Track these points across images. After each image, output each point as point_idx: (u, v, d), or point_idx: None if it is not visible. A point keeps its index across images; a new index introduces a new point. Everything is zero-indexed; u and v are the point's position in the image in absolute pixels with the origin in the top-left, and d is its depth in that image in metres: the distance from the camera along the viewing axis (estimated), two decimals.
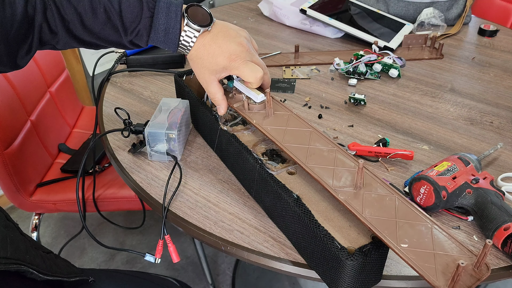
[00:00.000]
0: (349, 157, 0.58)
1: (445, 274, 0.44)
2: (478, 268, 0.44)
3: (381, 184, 0.54)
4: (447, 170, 0.64)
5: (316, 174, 0.56)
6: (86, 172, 1.19)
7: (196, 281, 1.51)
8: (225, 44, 0.63)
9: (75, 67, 1.86)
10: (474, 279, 0.43)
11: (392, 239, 0.47)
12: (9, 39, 0.55)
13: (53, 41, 0.61)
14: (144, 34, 0.61)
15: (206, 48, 0.63)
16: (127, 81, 1.01)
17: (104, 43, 0.63)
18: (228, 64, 0.63)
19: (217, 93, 0.66)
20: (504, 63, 1.10)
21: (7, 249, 0.57)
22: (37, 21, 0.57)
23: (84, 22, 0.59)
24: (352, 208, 0.51)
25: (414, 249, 0.46)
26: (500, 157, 0.77)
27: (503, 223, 0.56)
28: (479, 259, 0.43)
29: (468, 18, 1.31)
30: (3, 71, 0.60)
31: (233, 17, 1.38)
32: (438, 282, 0.43)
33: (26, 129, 1.13)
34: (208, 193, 0.69)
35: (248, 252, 0.59)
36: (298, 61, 1.09)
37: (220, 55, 0.62)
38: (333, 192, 0.53)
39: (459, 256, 0.45)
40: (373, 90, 0.97)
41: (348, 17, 1.23)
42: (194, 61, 0.65)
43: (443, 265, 0.45)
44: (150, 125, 0.72)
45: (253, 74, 0.63)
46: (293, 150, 0.60)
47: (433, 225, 0.49)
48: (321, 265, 0.53)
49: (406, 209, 0.51)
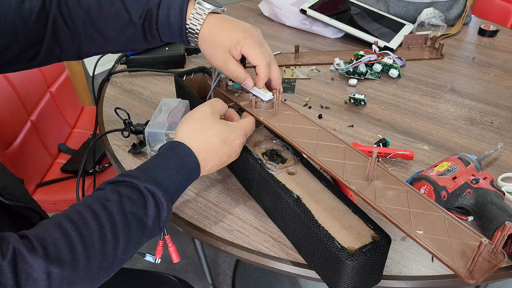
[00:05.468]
0: (358, 154, 0.58)
1: (463, 259, 0.44)
2: (495, 255, 0.44)
3: (392, 178, 0.54)
4: (447, 170, 0.64)
5: (326, 166, 0.56)
6: (86, 172, 1.19)
7: (196, 281, 1.51)
8: (239, 24, 0.63)
9: (75, 67, 1.86)
10: (492, 264, 0.43)
11: (407, 226, 0.47)
12: (28, 31, 0.59)
13: (75, 39, 0.64)
14: (154, 14, 0.62)
15: (219, 25, 0.63)
16: (127, 81, 1.01)
17: (120, 31, 0.64)
18: (242, 37, 0.61)
19: (238, 69, 0.64)
20: (504, 63, 1.10)
21: None
22: (51, 14, 0.61)
23: (102, 10, 0.62)
24: (365, 197, 0.51)
25: (430, 236, 0.46)
26: (500, 157, 0.77)
27: (503, 223, 0.56)
28: (497, 244, 0.44)
29: (468, 18, 1.31)
30: (22, 67, 0.64)
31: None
32: (457, 265, 0.43)
33: (26, 129, 1.13)
34: (208, 193, 0.69)
35: (248, 252, 0.59)
36: (298, 61, 1.09)
37: (234, 31, 0.62)
38: (345, 182, 0.53)
39: (475, 243, 0.45)
40: (373, 90, 0.97)
41: (348, 17, 1.23)
42: (207, 39, 0.63)
43: (460, 251, 0.45)
44: (150, 125, 0.72)
45: (262, 57, 0.62)
46: (302, 145, 0.60)
47: (446, 216, 0.49)
48: (321, 265, 0.53)
49: (419, 201, 0.51)
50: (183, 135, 0.57)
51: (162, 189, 0.50)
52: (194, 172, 0.55)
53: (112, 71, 1.03)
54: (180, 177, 0.53)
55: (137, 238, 0.47)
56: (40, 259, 0.40)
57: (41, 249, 0.41)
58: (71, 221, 0.44)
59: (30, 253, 0.40)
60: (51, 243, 0.42)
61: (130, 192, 0.48)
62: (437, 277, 0.56)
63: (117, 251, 0.45)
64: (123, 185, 0.49)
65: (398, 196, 0.51)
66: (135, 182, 0.49)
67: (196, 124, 0.58)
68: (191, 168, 0.55)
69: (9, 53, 0.61)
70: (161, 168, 0.52)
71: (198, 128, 0.57)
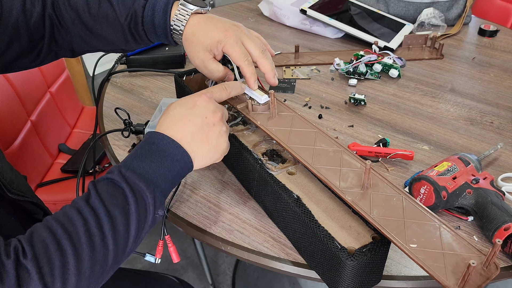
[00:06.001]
0: (355, 158, 0.58)
1: (455, 273, 0.44)
2: (487, 267, 0.44)
3: (388, 185, 0.54)
4: (447, 170, 0.63)
5: (322, 175, 0.56)
6: (86, 172, 1.18)
7: (197, 281, 1.51)
8: (221, 23, 0.63)
9: (75, 68, 1.86)
10: (484, 277, 0.43)
11: (401, 239, 0.47)
12: (30, 28, 0.62)
13: (67, 37, 0.65)
14: (139, 16, 0.63)
15: (201, 25, 0.63)
16: (127, 81, 1.01)
17: (109, 31, 0.65)
18: (223, 37, 0.61)
19: (217, 67, 0.64)
20: (504, 63, 1.10)
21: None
22: (47, 12, 0.63)
23: (90, 11, 0.64)
24: (360, 208, 0.51)
25: (423, 249, 0.46)
26: (500, 157, 0.77)
27: (503, 223, 0.56)
28: (488, 258, 0.44)
29: (468, 18, 1.31)
30: (24, 66, 0.66)
31: (233, 17, 1.38)
32: (448, 281, 0.43)
33: (26, 129, 1.13)
34: (208, 193, 0.69)
35: (248, 252, 0.59)
36: (298, 61, 1.09)
37: (215, 31, 0.62)
38: (340, 193, 0.53)
39: (468, 255, 0.45)
40: (373, 90, 0.97)
41: (348, 17, 1.23)
42: (188, 40, 0.64)
43: (453, 264, 0.45)
44: (150, 125, 0.72)
45: (244, 56, 0.61)
46: (299, 151, 0.59)
47: (441, 225, 0.49)
48: (321, 265, 0.53)
49: (414, 209, 0.51)
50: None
51: (137, 174, 0.48)
52: (168, 147, 0.52)
53: (112, 71, 1.03)
54: (152, 157, 0.50)
55: (124, 227, 0.47)
56: (30, 263, 0.40)
57: (31, 253, 0.41)
58: (56, 221, 0.45)
59: (23, 258, 0.41)
60: (39, 242, 0.42)
61: (106, 187, 0.48)
62: None
63: (106, 243, 0.45)
64: (102, 183, 0.49)
65: (393, 205, 0.51)
66: (110, 176, 0.49)
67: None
68: (161, 144, 0.51)
69: (12, 51, 0.63)
70: (134, 156, 0.51)
71: (162, 117, 0.56)
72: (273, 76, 0.65)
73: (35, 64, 0.68)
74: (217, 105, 0.57)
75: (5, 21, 0.60)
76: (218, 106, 0.57)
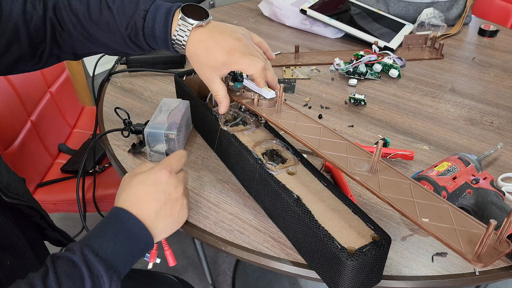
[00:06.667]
0: (361, 150, 0.58)
1: (470, 245, 0.44)
2: (501, 242, 0.44)
3: (395, 173, 0.54)
4: (447, 170, 0.64)
5: (330, 158, 0.56)
6: (86, 172, 1.19)
7: (196, 281, 1.51)
8: (222, 39, 0.62)
9: (75, 67, 1.86)
10: (498, 251, 0.44)
11: (412, 214, 0.48)
12: (30, 31, 0.62)
13: (68, 41, 0.65)
14: (140, 28, 0.62)
15: (203, 43, 0.62)
16: (127, 81, 1.01)
17: (110, 37, 0.65)
18: (227, 59, 0.62)
19: (219, 91, 0.65)
20: (504, 63, 1.10)
21: None
22: (48, 16, 0.63)
23: (91, 17, 0.63)
24: (370, 187, 0.51)
25: (436, 224, 0.47)
26: (500, 157, 0.77)
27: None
28: (502, 231, 0.44)
29: (468, 18, 1.31)
30: (26, 69, 0.66)
31: (233, 17, 1.38)
32: (464, 250, 0.44)
33: (26, 129, 1.13)
34: (208, 193, 0.69)
35: (248, 252, 0.59)
36: (298, 61, 1.09)
37: (218, 50, 0.62)
38: (349, 173, 0.53)
39: (480, 232, 0.46)
40: (373, 90, 0.97)
41: (348, 17, 1.23)
42: (192, 58, 0.64)
43: (466, 238, 0.45)
44: (150, 125, 0.72)
45: (253, 66, 0.62)
46: (306, 139, 0.60)
47: (450, 207, 0.49)
48: (321, 265, 0.53)
49: (422, 193, 0.51)
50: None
51: (98, 257, 0.48)
52: (134, 228, 0.51)
53: (112, 71, 1.04)
54: (117, 237, 0.50)
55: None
56: None
57: None
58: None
59: None
60: None
61: (66, 267, 0.47)
62: (437, 277, 0.56)
63: None
64: (61, 261, 0.48)
65: (402, 188, 0.52)
66: (71, 256, 0.48)
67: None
68: (127, 224, 0.51)
69: (12, 53, 0.62)
70: (99, 234, 0.51)
71: (125, 192, 0.55)
72: (275, 85, 0.68)
73: (38, 67, 0.68)
74: (178, 179, 0.57)
75: (4, 23, 0.60)
76: (179, 179, 0.57)
